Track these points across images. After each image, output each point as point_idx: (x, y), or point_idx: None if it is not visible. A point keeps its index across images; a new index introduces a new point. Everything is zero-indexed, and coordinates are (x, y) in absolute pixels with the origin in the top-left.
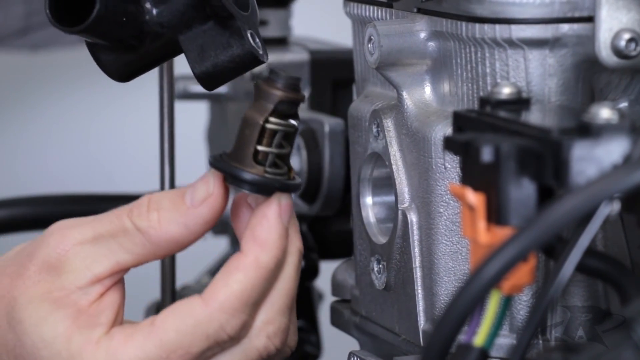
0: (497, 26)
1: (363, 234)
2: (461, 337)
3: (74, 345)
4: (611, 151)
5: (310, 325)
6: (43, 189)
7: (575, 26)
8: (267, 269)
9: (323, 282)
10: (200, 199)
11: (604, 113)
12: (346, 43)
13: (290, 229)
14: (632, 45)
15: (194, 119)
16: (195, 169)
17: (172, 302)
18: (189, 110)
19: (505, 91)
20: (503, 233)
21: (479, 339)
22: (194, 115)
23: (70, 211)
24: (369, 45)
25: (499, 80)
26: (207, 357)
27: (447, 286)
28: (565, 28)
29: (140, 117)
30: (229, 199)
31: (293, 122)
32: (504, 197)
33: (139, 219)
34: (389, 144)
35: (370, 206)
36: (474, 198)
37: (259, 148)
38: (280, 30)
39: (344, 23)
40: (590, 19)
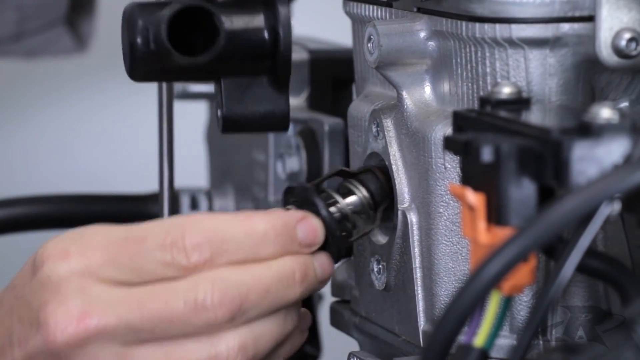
0: (497, 26)
1: None
2: (461, 338)
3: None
4: (612, 151)
5: (310, 326)
6: (43, 189)
7: (576, 26)
8: (255, 228)
9: None
10: None
11: (605, 113)
12: (346, 43)
13: (307, 259)
14: (633, 45)
15: (193, 119)
16: (194, 169)
17: None
18: (188, 110)
19: (506, 91)
20: (503, 233)
21: (479, 340)
22: (193, 116)
23: (70, 211)
24: (369, 45)
25: (499, 80)
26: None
27: (447, 287)
28: (565, 27)
29: (139, 117)
30: None
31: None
32: (504, 197)
33: None
34: (388, 143)
35: None
36: (474, 198)
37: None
38: None
39: (343, 23)
40: (590, 19)
